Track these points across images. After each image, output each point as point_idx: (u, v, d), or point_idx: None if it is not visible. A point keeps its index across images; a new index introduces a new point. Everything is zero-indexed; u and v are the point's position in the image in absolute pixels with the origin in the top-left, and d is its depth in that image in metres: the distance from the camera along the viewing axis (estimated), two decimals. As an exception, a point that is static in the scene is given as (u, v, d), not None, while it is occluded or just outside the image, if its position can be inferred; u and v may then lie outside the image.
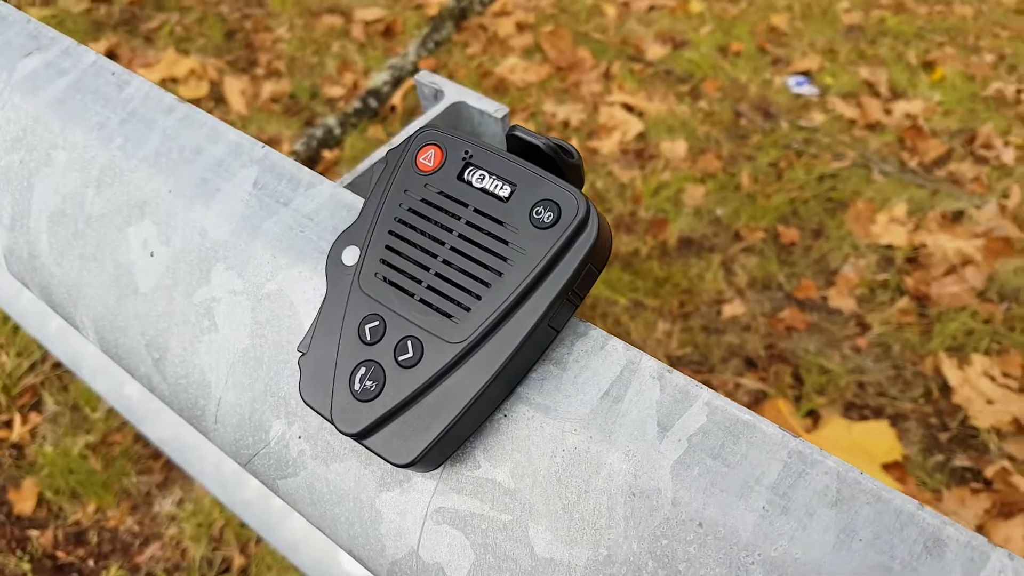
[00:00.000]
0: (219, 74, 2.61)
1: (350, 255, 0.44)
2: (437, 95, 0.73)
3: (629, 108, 2.45)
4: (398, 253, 0.43)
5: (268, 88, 2.58)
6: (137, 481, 1.68)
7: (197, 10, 2.87)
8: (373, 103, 2.50)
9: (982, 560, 0.34)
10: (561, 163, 0.43)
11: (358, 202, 0.50)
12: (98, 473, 1.68)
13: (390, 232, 0.43)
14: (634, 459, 0.39)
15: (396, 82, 2.56)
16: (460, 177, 0.43)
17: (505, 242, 0.41)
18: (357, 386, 0.41)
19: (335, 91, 2.59)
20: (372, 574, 0.46)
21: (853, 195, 2.20)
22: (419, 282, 0.42)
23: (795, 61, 2.69)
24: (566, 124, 2.42)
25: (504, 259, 0.40)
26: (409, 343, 0.41)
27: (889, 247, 2.07)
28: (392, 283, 0.42)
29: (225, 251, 0.51)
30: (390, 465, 0.44)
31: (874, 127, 2.43)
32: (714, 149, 2.31)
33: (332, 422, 0.42)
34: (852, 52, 2.69)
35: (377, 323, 0.42)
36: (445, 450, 0.41)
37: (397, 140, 0.69)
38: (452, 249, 0.42)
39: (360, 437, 0.41)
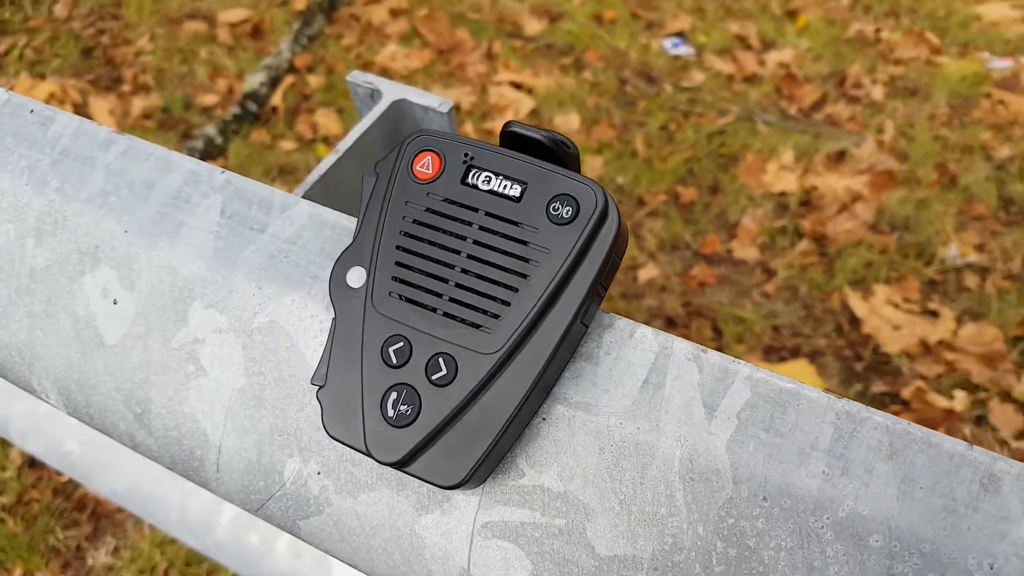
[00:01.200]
0: (82, 95, 2.44)
1: (356, 277, 0.42)
2: (374, 95, 0.71)
3: (517, 86, 2.45)
4: (411, 268, 0.41)
5: (138, 104, 2.44)
6: (64, 537, 1.58)
7: (46, 29, 2.68)
8: (252, 107, 2.41)
9: (1034, 489, 0.36)
10: (562, 155, 0.42)
11: (342, 220, 0.48)
12: (20, 535, 1.57)
13: (398, 247, 0.41)
14: (687, 443, 0.39)
15: (273, 82, 2.47)
16: (464, 181, 0.41)
17: (525, 243, 0.39)
18: (391, 412, 0.39)
19: (210, 99, 2.47)
20: (419, 601, 0.44)
21: (742, 148, 2.28)
22: (440, 296, 0.40)
23: (668, 23, 2.74)
24: (458, 107, 2.40)
25: (526, 260, 0.39)
26: (441, 360, 0.39)
27: (782, 194, 2.16)
28: (410, 300, 0.40)
29: (202, 288, 0.48)
30: (427, 488, 0.42)
31: (751, 80, 2.52)
32: (606, 118, 2.34)
33: (368, 454, 0.40)
34: (719, 9, 2.77)
35: (402, 344, 0.40)
36: (491, 464, 0.39)
37: (344, 146, 0.66)
38: (469, 257, 0.40)
39: (401, 465, 0.39)
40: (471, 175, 0.41)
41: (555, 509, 0.40)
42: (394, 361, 0.40)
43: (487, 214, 0.40)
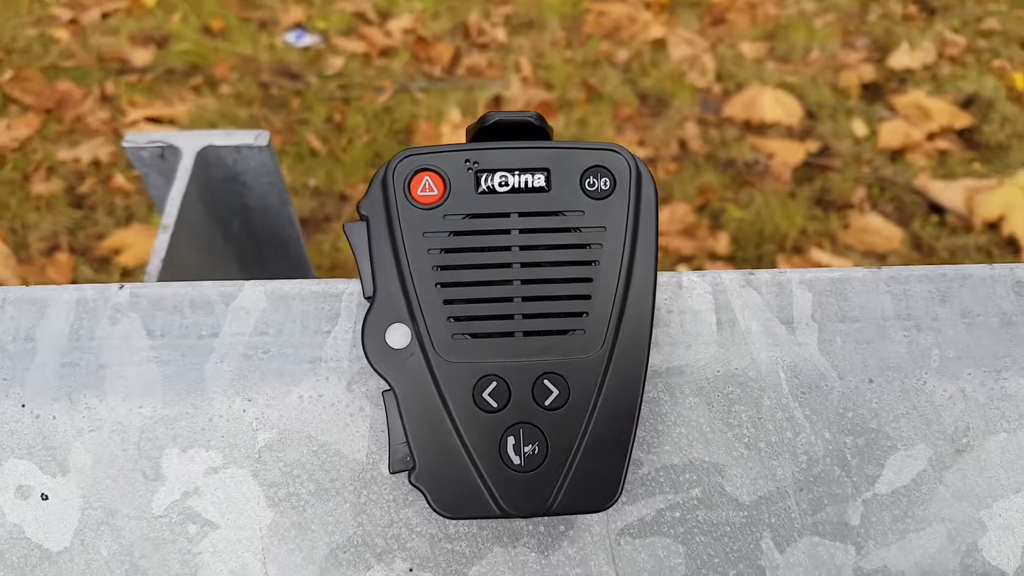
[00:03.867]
0: None
1: (399, 336, 0.36)
2: (165, 154, 0.60)
3: (156, 120, 2.23)
4: (465, 301, 0.35)
5: None
6: None
7: None
8: None
9: (1043, 280, 0.41)
10: (547, 130, 0.39)
11: (306, 287, 0.40)
12: None
13: (439, 284, 0.35)
14: (785, 363, 0.39)
15: None
16: (479, 190, 0.36)
17: (576, 229, 0.36)
18: (516, 459, 0.35)
19: None
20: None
21: (412, 119, 2.30)
22: (511, 317, 0.35)
23: (281, 18, 2.66)
24: (97, 164, 2.12)
25: (587, 246, 0.36)
26: (547, 382, 0.35)
27: (465, 148, 2.23)
28: (481, 335, 0.35)
29: (169, 431, 0.38)
30: (543, 525, 0.38)
31: (388, 52, 2.54)
32: (266, 125, 2.22)
33: (507, 515, 0.35)
34: (326, -8, 2.74)
35: (495, 383, 0.35)
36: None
37: (169, 220, 0.56)
38: (524, 266, 0.36)
39: (548, 510, 0.35)
40: (484, 180, 0.36)
41: (686, 482, 0.39)
42: (494, 405, 0.35)
43: (521, 215, 0.36)
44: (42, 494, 0.37)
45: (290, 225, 0.67)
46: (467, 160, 0.37)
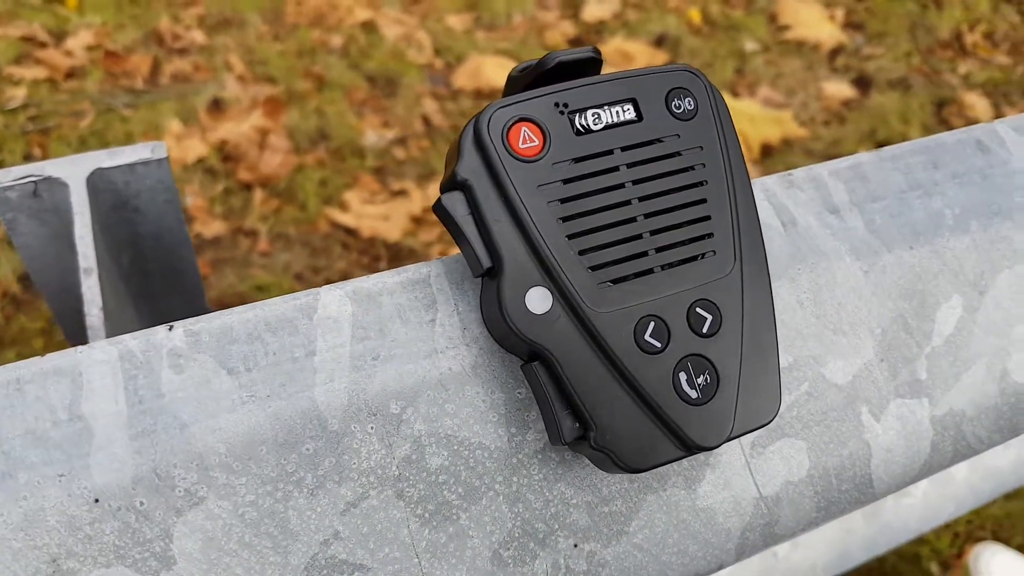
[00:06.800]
0: None
1: (537, 300, 0.33)
2: (39, 190, 0.49)
3: None
4: (598, 248, 0.33)
5: None
6: None
7: None
8: None
9: (996, 134, 0.48)
10: (601, 61, 0.38)
11: (387, 280, 0.35)
12: None
13: (569, 236, 0.33)
14: (846, 248, 0.42)
15: None
16: (577, 132, 0.34)
17: (678, 154, 0.35)
18: (693, 392, 0.33)
19: None
20: (721, 566, 0.40)
21: (127, 138, 2.08)
22: (645, 254, 0.34)
23: (-74, 51, 2.25)
24: None
25: (691, 168, 0.35)
26: (699, 310, 0.34)
27: (200, 159, 2.06)
28: (624, 279, 0.33)
29: (290, 475, 0.32)
30: (685, 461, 0.38)
31: (75, 73, 2.27)
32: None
33: (697, 449, 0.33)
34: (-22, 15, 2.37)
35: (653, 323, 0.33)
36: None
37: (89, 264, 0.46)
38: (641, 200, 0.34)
39: (731, 435, 0.34)
40: (578, 121, 0.34)
41: (795, 380, 0.40)
42: (658, 345, 0.33)
43: (624, 149, 0.35)
44: (155, 599, 0.30)
45: (187, 248, 0.58)
46: (556, 103, 0.34)
